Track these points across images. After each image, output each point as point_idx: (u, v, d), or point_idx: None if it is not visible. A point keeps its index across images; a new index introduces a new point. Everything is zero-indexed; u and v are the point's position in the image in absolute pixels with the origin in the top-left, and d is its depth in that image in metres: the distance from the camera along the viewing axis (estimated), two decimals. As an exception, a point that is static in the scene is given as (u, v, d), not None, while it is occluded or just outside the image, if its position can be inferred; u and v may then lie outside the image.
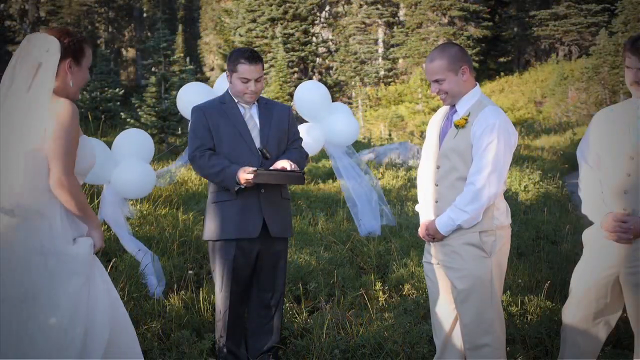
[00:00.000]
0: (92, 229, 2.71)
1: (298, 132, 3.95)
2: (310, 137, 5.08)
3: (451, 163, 3.23)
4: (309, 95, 5.26)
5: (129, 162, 4.56)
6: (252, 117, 3.74)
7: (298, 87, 5.36)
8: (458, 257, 3.21)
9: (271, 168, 3.59)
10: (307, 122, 5.38)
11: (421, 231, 3.35)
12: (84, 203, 2.65)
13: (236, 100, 3.74)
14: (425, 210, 3.40)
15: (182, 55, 18.87)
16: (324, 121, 5.30)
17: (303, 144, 4.00)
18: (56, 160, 2.54)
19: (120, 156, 4.61)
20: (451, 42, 3.41)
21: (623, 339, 4.07)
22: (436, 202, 3.31)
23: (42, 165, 2.56)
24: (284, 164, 3.60)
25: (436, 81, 3.23)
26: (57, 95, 2.64)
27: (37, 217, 2.56)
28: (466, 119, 3.19)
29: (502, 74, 37.23)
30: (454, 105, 3.30)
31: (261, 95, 3.82)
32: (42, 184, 2.57)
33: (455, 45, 3.30)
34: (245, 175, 3.47)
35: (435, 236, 3.25)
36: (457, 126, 3.22)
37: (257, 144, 3.68)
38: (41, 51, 2.57)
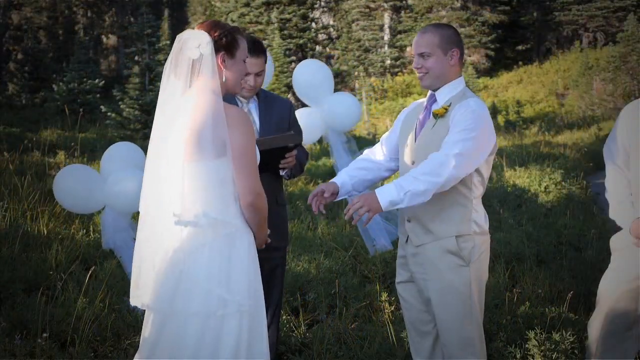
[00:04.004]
0: (259, 231, 2.78)
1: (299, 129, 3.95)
2: (309, 121, 5.03)
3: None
4: (309, 78, 5.18)
5: (120, 175, 4.38)
6: (250, 113, 3.74)
7: (297, 66, 5.29)
8: (433, 267, 3.15)
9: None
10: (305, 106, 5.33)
11: (356, 204, 2.96)
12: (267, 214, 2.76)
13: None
14: None
15: (168, 42, 18.79)
16: (324, 105, 5.23)
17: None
18: (246, 173, 2.64)
19: (110, 172, 4.45)
20: (449, 24, 3.40)
21: (654, 355, 4.07)
22: None
23: (227, 175, 2.63)
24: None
25: (421, 55, 3.18)
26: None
27: (223, 228, 2.64)
28: (446, 109, 3.14)
29: (520, 63, 37.23)
30: (433, 95, 3.24)
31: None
32: (228, 194, 2.64)
33: (452, 27, 3.27)
34: None
35: (371, 207, 2.91)
36: (435, 116, 3.17)
37: (257, 142, 3.69)
38: (193, 47, 2.61)
